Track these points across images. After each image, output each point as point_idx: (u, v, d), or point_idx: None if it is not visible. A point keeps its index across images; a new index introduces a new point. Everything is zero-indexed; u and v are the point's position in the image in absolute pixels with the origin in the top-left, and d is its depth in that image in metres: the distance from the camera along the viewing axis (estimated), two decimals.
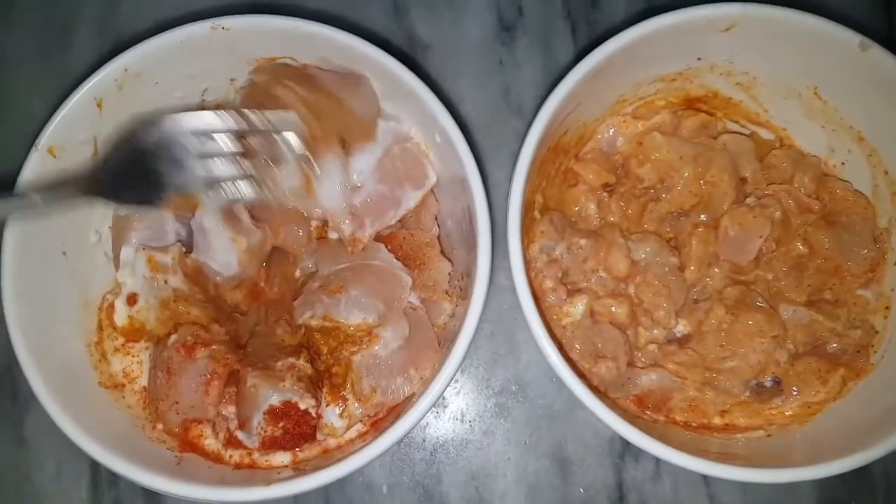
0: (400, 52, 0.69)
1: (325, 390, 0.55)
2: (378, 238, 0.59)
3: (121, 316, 0.57)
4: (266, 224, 0.58)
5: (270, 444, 0.54)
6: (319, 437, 0.55)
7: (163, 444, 0.53)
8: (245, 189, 0.53)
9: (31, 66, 0.70)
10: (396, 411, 0.55)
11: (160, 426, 0.55)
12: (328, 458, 0.53)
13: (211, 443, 0.55)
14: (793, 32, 0.54)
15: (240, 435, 0.55)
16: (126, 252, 0.57)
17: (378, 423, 0.55)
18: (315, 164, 0.55)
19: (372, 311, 0.55)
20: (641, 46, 0.54)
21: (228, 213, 0.57)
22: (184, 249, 0.58)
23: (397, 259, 0.58)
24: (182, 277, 0.57)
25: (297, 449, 0.55)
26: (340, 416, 0.54)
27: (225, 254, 0.57)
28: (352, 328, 0.56)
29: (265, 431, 0.54)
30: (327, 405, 0.54)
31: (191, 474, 0.50)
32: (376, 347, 0.55)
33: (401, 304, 0.56)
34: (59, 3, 0.71)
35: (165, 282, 0.56)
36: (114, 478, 0.62)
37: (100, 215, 0.58)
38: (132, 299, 0.57)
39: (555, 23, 0.71)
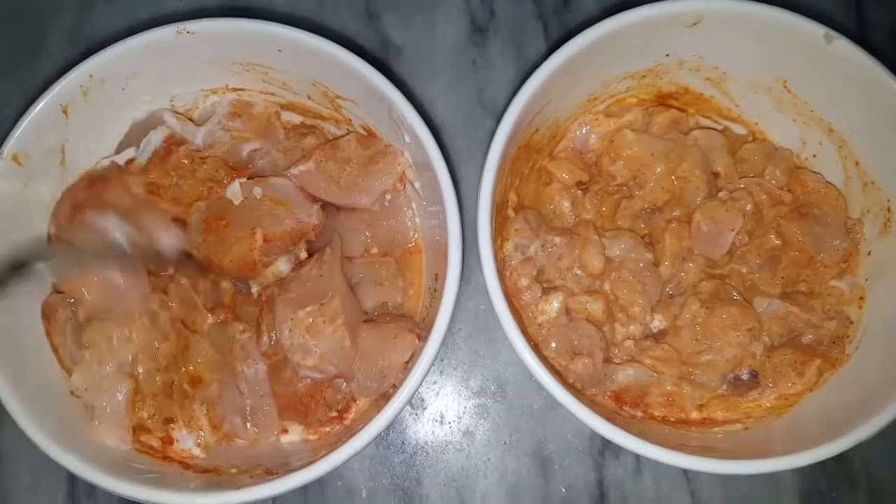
0: (373, 56, 0.69)
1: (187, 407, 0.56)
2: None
3: None
4: None
5: None
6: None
7: (139, 454, 0.53)
8: None
9: (3, 78, 0.69)
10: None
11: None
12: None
13: None
14: (758, 26, 0.54)
15: None
16: None
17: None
18: None
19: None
20: (610, 42, 0.54)
21: None
22: None
23: None
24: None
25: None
26: (196, 441, 0.56)
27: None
28: None
29: None
30: (182, 428, 0.56)
31: (166, 482, 0.50)
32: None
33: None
34: (30, 13, 0.71)
35: None
36: (91, 489, 0.62)
37: None
38: None
39: (527, 23, 0.71)
